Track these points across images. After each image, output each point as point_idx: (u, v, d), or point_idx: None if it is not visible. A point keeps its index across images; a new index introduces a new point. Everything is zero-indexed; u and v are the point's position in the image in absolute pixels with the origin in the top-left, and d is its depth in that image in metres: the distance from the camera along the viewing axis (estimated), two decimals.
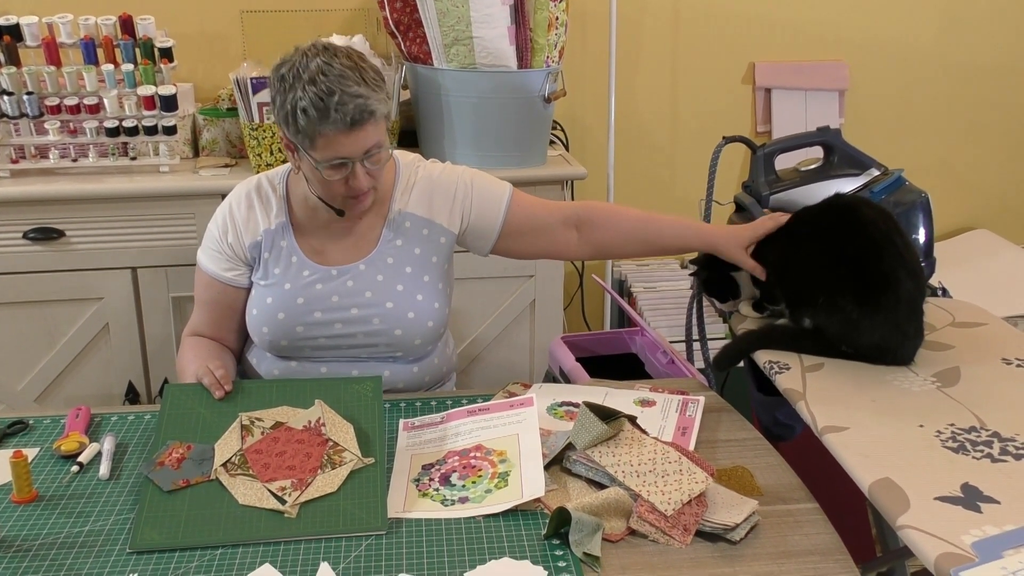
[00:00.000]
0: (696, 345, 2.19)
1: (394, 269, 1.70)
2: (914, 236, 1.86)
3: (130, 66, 2.39)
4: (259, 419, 1.48)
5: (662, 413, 1.56)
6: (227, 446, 1.43)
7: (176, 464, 1.40)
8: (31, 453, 1.48)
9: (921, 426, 1.38)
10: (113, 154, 2.44)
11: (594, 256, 1.85)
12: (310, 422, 1.46)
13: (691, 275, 1.93)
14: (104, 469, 1.43)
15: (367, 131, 1.54)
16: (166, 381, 2.50)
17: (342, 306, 1.68)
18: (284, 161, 2.16)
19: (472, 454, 1.44)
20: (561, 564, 1.21)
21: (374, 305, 1.68)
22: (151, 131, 2.42)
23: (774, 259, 1.71)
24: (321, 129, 1.52)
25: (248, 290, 1.74)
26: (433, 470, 1.42)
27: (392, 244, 1.72)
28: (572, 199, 2.91)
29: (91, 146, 2.43)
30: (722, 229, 1.76)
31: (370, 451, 1.42)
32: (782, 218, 1.72)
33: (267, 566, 1.21)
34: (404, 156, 1.79)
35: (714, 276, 1.83)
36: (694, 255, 1.89)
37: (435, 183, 1.75)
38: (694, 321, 2.17)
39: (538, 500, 1.33)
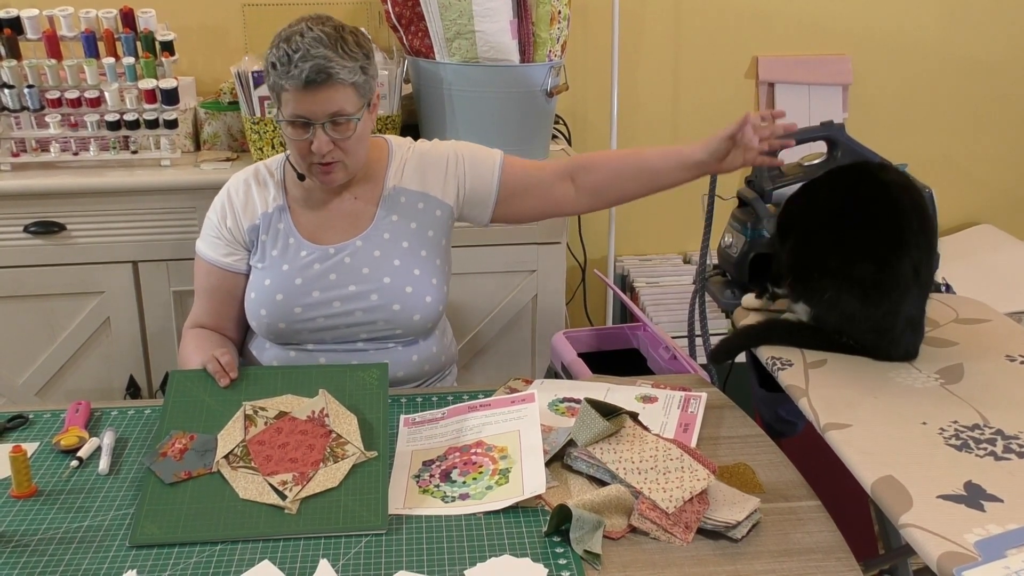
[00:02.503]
0: (698, 341, 2.19)
1: (391, 244, 1.71)
2: None
3: (131, 59, 2.38)
4: (262, 408, 1.47)
5: (664, 409, 1.56)
6: (230, 437, 1.42)
7: (179, 455, 1.40)
8: (31, 448, 1.48)
9: (924, 423, 1.38)
10: (114, 148, 2.44)
11: (593, 204, 1.83)
12: (314, 412, 1.46)
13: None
14: (103, 464, 1.43)
15: (326, 93, 1.56)
16: (167, 375, 2.49)
17: (340, 283, 1.69)
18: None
19: (473, 450, 1.44)
20: (562, 562, 1.20)
21: (371, 281, 1.69)
22: (152, 125, 2.41)
23: (795, 233, 1.69)
24: (283, 84, 1.57)
25: (247, 277, 1.75)
26: (434, 466, 1.42)
27: (388, 220, 1.72)
28: None
29: (92, 140, 2.42)
30: (702, 147, 1.70)
31: (373, 443, 1.42)
32: (752, 116, 1.65)
33: (266, 563, 1.21)
34: (396, 139, 1.81)
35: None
36: (695, 252, 1.88)
37: (426, 157, 1.77)
38: (696, 316, 2.16)
39: (539, 497, 1.32)
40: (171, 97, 2.39)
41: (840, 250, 1.59)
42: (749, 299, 1.83)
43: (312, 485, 1.34)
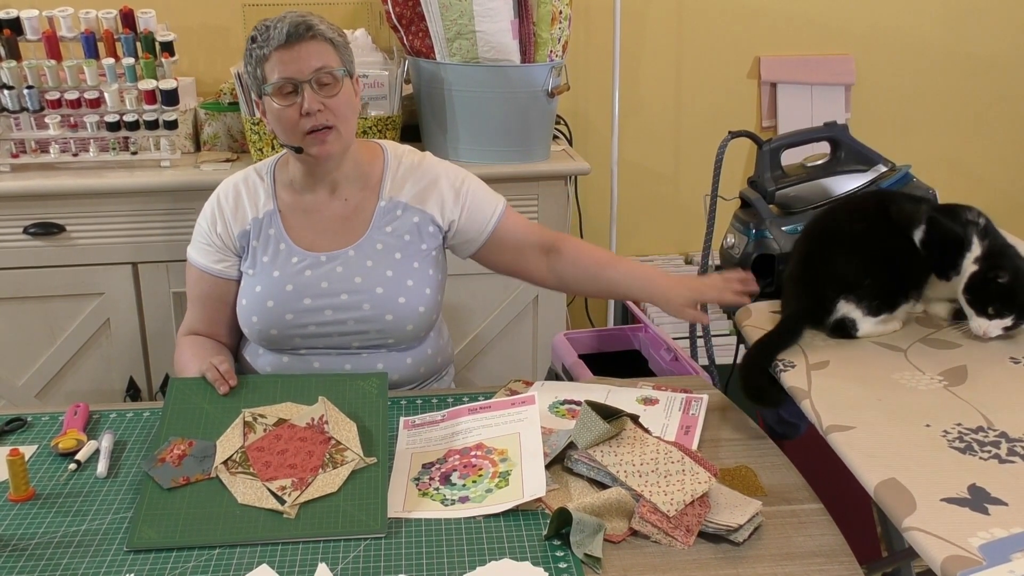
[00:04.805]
0: (700, 342, 2.18)
1: (383, 255, 1.70)
2: None
3: (131, 60, 2.38)
4: (262, 415, 1.46)
5: (665, 412, 1.55)
6: (229, 443, 1.42)
7: (177, 461, 1.39)
8: (28, 451, 1.47)
9: (928, 426, 1.37)
10: (114, 149, 2.43)
11: (558, 288, 1.85)
12: (313, 419, 1.45)
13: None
14: (102, 467, 1.42)
15: (308, 47, 1.59)
16: (167, 376, 2.49)
17: (331, 292, 1.67)
18: None
19: (473, 453, 1.43)
20: (562, 565, 1.19)
21: (364, 291, 1.68)
22: (152, 125, 2.40)
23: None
24: (264, 52, 1.60)
25: (239, 283, 1.74)
26: (433, 469, 1.41)
27: (381, 231, 1.71)
28: (576, 195, 2.90)
29: (92, 140, 2.41)
30: (667, 283, 1.72)
31: (373, 450, 1.41)
32: (731, 281, 1.68)
33: (264, 567, 1.20)
34: (396, 148, 1.79)
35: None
36: (697, 252, 1.87)
37: (430, 176, 1.75)
38: None
39: (539, 500, 1.32)
40: (171, 98, 2.39)
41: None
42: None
43: (311, 490, 1.33)
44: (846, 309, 1.64)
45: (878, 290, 1.64)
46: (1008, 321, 1.59)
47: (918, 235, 1.67)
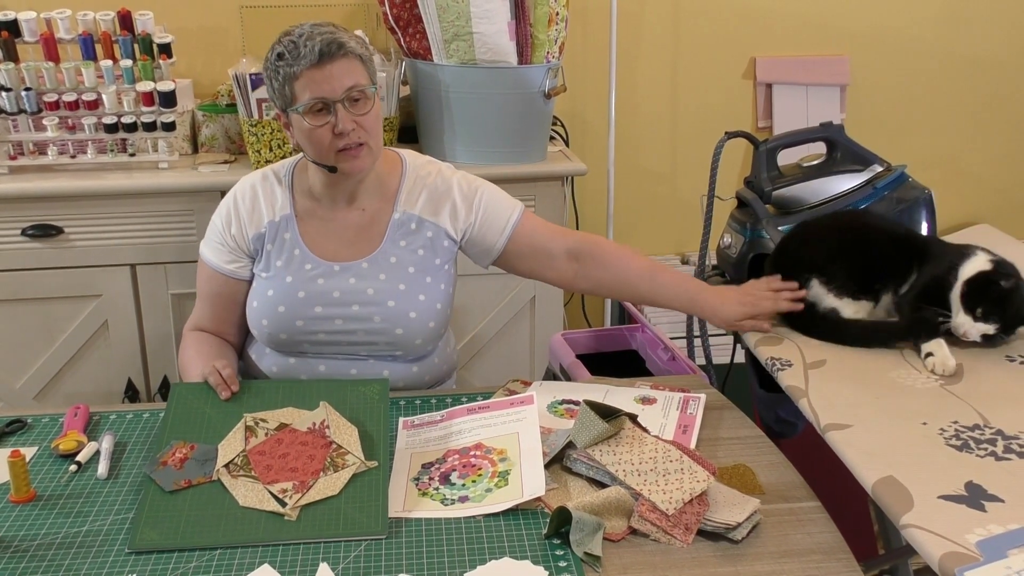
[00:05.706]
0: (697, 342, 2.19)
1: (397, 268, 1.70)
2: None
3: (129, 62, 2.38)
4: (263, 420, 1.47)
5: (663, 411, 1.55)
6: (230, 447, 1.42)
7: (179, 464, 1.40)
8: (29, 452, 1.47)
9: (924, 424, 1.37)
10: (112, 150, 2.44)
11: (589, 292, 1.84)
12: (314, 424, 1.45)
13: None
14: (102, 468, 1.42)
15: (340, 66, 1.57)
16: (166, 378, 2.49)
17: (343, 302, 1.67)
18: (283, 157, 2.16)
19: (472, 453, 1.43)
20: (562, 564, 1.20)
21: (375, 303, 1.68)
22: (150, 127, 2.41)
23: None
24: (294, 70, 1.57)
25: (250, 283, 1.74)
26: (433, 469, 1.41)
27: (396, 244, 1.71)
28: (573, 195, 2.91)
29: (90, 142, 2.42)
30: (716, 299, 1.72)
31: (374, 454, 1.41)
32: (781, 303, 1.70)
33: (266, 567, 1.21)
34: (415, 158, 1.78)
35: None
36: (694, 252, 1.88)
37: (445, 189, 1.74)
38: (695, 317, 2.16)
39: (539, 499, 1.32)
40: (169, 99, 2.39)
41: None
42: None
43: (312, 493, 1.33)
44: (819, 292, 1.68)
45: (848, 272, 1.68)
46: (990, 329, 1.57)
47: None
